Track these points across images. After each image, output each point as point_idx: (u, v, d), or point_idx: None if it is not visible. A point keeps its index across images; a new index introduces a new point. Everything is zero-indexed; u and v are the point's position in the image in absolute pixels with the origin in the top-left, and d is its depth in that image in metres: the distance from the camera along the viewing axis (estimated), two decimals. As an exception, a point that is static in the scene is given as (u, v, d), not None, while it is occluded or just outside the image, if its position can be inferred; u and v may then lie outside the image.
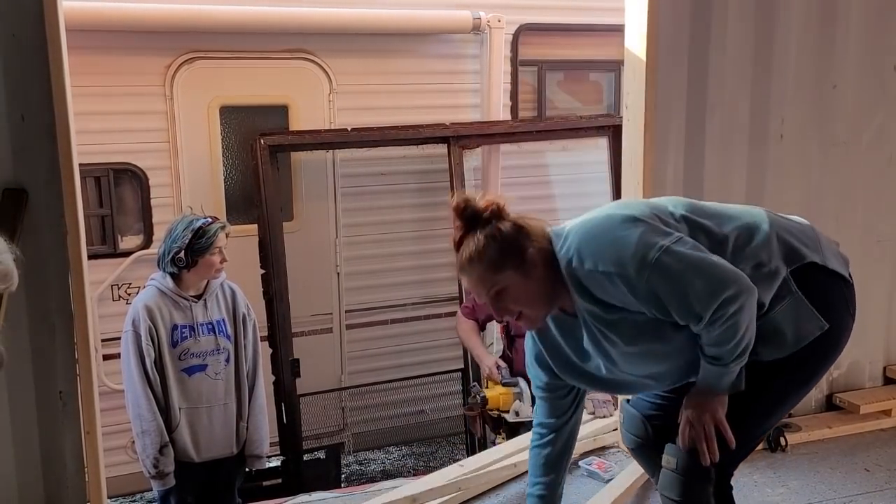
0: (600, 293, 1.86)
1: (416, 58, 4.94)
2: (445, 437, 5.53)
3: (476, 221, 1.90)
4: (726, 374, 1.89)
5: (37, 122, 2.31)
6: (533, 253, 1.89)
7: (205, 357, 3.23)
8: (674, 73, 3.02)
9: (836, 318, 1.98)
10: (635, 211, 1.93)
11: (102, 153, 4.27)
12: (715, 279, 1.80)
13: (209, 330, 3.24)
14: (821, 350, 1.99)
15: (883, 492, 2.95)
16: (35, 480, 2.46)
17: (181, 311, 3.20)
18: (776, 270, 1.93)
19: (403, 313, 5.11)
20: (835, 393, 3.53)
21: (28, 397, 2.40)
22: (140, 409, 3.11)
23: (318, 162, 4.84)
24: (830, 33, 3.26)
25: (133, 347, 3.11)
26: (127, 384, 3.17)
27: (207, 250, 3.14)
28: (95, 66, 4.18)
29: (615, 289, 1.83)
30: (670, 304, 1.81)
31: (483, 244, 1.87)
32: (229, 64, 4.57)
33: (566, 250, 1.90)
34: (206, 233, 3.14)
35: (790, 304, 1.94)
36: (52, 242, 2.37)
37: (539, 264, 1.89)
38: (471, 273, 1.91)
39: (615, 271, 1.82)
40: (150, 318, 3.12)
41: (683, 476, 1.98)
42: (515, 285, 1.89)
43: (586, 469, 3.07)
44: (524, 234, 1.91)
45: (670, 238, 1.83)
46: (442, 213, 4.90)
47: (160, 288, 3.19)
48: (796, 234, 2.02)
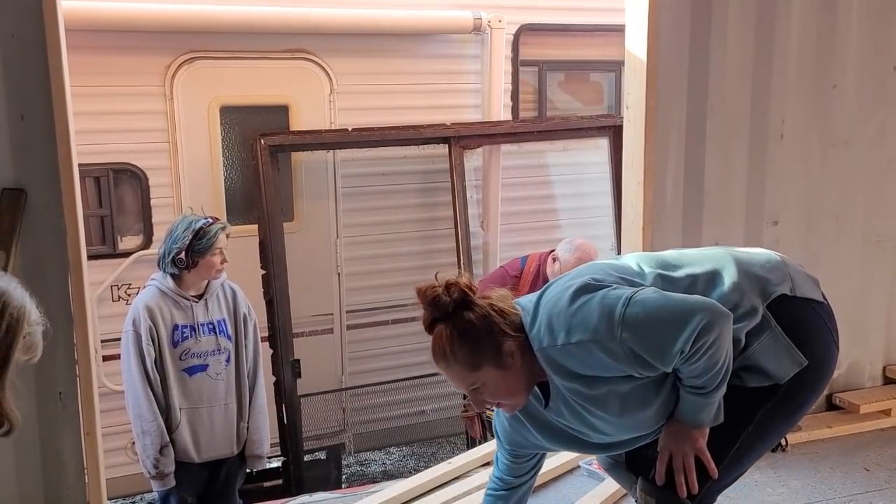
0: (579, 367, 1.78)
1: (416, 58, 4.93)
2: (446, 438, 5.53)
3: (443, 311, 1.81)
4: (707, 404, 1.83)
5: (36, 121, 2.31)
6: (510, 344, 1.79)
7: (205, 357, 3.23)
8: (674, 74, 3.02)
9: (819, 349, 1.94)
10: (597, 274, 1.87)
11: (102, 153, 4.26)
12: (686, 312, 1.73)
13: (210, 330, 3.24)
14: (807, 380, 1.93)
15: (883, 491, 2.95)
16: (35, 482, 2.46)
17: (182, 311, 3.19)
18: (754, 308, 1.88)
19: (404, 314, 5.10)
20: (835, 393, 3.53)
21: (28, 398, 2.39)
22: (140, 409, 3.11)
23: (319, 162, 4.84)
24: (831, 33, 3.26)
25: (133, 347, 3.11)
26: (127, 384, 3.17)
27: (208, 251, 3.14)
28: (95, 66, 4.18)
29: (592, 358, 1.75)
30: (650, 354, 1.73)
31: (455, 344, 1.78)
32: (230, 64, 4.57)
33: (537, 329, 1.81)
34: (206, 233, 3.14)
35: (769, 339, 1.89)
36: (51, 243, 2.37)
37: (516, 354, 1.80)
38: (446, 369, 1.84)
39: (589, 338, 1.74)
40: (151, 318, 3.12)
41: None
42: (494, 381, 1.81)
43: (586, 469, 3.07)
44: (495, 323, 1.80)
45: (632, 290, 1.78)
46: (443, 213, 4.96)
47: (160, 288, 3.19)
48: (762, 266, 1.96)
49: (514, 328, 1.82)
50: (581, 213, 5.40)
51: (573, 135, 5.25)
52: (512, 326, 1.82)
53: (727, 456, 1.91)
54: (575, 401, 1.84)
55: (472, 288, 1.82)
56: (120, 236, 4.48)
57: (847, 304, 3.41)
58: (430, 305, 1.82)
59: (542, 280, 3.90)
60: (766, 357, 1.88)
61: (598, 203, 5.32)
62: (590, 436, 1.92)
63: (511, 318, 1.83)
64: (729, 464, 1.92)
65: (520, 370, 1.81)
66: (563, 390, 1.83)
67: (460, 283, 1.81)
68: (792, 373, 1.89)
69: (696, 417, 1.85)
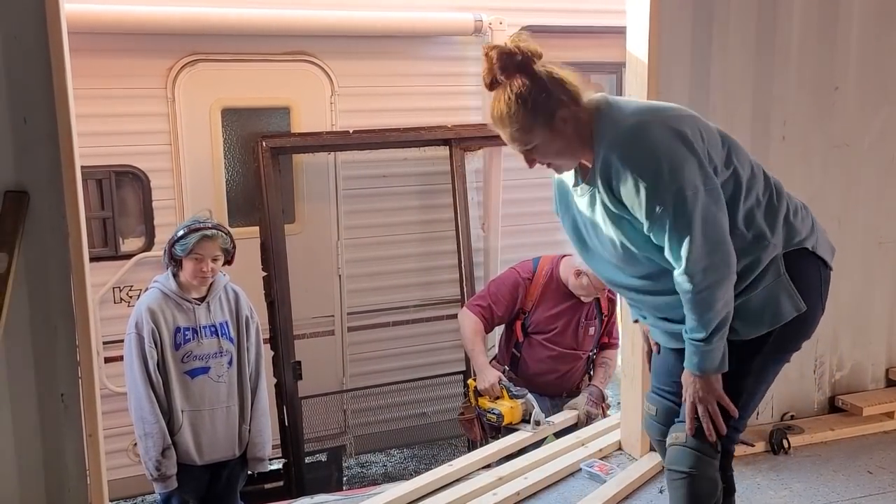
0: (616, 185, 1.91)
1: (417, 60, 4.94)
2: (447, 440, 5.52)
3: (507, 67, 1.90)
4: (710, 351, 1.95)
5: (38, 124, 2.31)
6: (564, 112, 1.92)
7: (207, 360, 3.23)
8: (676, 75, 3.02)
9: (813, 301, 2.07)
10: (691, 133, 1.93)
11: (104, 155, 4.27)
12: (715, 252, 1.88)
13: (212, 332, 3.24)
14: (794, 328, 2.06)
15: (886, 494, 2.95)
16: (36, 483, 2.45)
17: (184, 314, 3.20)
18: (773, 247, 2.01)
19: (405, 315, 5.11)
20: (837, 395, 3.53)
21: (29, 400, 2.40)
22: (143, 411, 3.11)
23: (320, 164, 4.84)
24: (832, 35, 3.26)
25: (136, 350, 3.12)
26: (130, 387, 3.18)
27: (188, 253, 3.15)
28: (97, 69, 4.19)
29: (633, 193, 1.88)
30: (668, 235, 1.89)
31: (514, 106, 1.90)
32: (231, 66, 4.57)
33: (615, 129, 1.92)
34: (185, 237, 3.16)
35: (775, 284, 2.01)
36: (53, 245, 2.37)
37: (570, 123, 1.93)
38: (502, 130, 1.97)
39: (646, 183, 1.86)
40: (153, 320, 3.13)
41: (693, 449, 2.06)
42: (545, 143, 1.95)
43: (587, 471, 3.07)
44: (557, 90, 1.92)
45: (707, 184, 1.88)
46: (444, 215, 4.96)
47: (163, 290, 3.19)
48: (799, 215, 2.10)
49: (571, 98, 1.94)
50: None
51: (574, 137, 5.25)
52: (568, 96, 1.93)
53: (737, 406, 2.05)
54: (600, 201, 1.99)
55: (537, 54, 1.92)
56: (122, 238, 4.49)
57: (850, 306, 3.42)
58: (498, 59, 1.91)
59: (555, 283, 3.89)
60: (769, 300, 2.02)
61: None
62: (588, 238, 2.12)
63: (570, 90, 1.94)
64: (739, 412, 2.07)
65: (571, 136, 1.95)
66: (598, 184, 1.96)
67: (530, 46, 1.91)
68: (789, 317, 2.02)
69: (705, 362, 1.97)
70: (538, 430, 3.54)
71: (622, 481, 2.95)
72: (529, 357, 3.92)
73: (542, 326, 3.88)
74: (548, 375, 3.91)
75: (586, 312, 3.92)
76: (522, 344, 3.93)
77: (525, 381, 3.80)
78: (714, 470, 2.08)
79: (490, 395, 3.69)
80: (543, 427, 3.56)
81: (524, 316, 3.92)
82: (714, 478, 2.08)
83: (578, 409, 3.78)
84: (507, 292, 3.91)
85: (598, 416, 3.77)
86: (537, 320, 3.88)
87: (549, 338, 3.88)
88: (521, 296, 3.89)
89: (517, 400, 3.61)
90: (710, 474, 2.07)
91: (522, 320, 3.92)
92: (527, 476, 3.03)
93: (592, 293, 3.82)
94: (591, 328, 3.94)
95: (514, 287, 3.91)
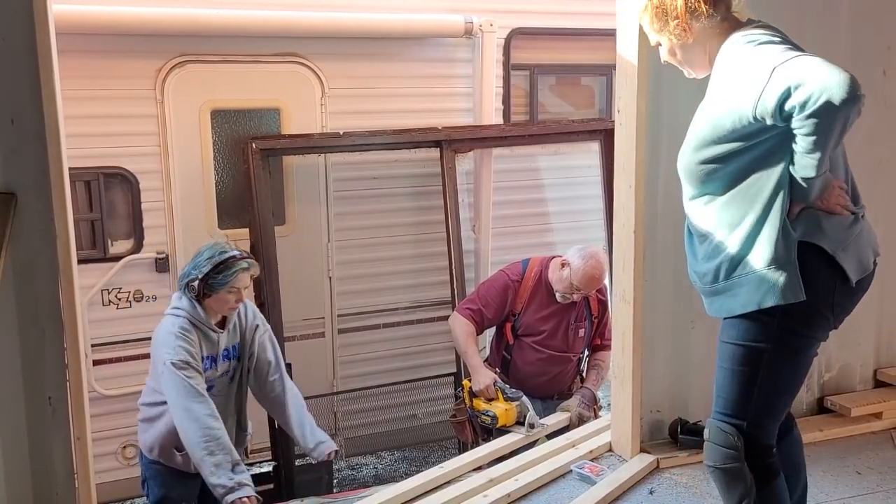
0: (728, 82, 2.04)
1: (408, 62, 4.94)
2: (437, 442, 5.52)
3: None
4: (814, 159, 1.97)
5: (26, 125, 2.30)
6: (695, 30, 2.13)
7: (214, 380, 3.18)
8: (666, 77, 3.02)
9: (814, 298, 2.04)
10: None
11: (93, 157, 4.26)
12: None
13: (225, 357, 3.19)
14: (797, 319, 2.06)
15: (874, 494, 2.96)
16: (24, 487, 2.44)
17: (209, 342, 3.10)
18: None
19: (396, 317, 5.11)
20: (826, 396, 3.54)
21: (17, 403, 2.38)
22: (211, 430, 2.92)
23: (311, 166, 4.83)
24: (822, 36, 3.27)
25: (180, 379, 2.94)
26: (183, 418, 2.96)
27: (223, 287, 3.04)
28: (86, 70, 4.18)
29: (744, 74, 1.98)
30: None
31: (650, 7, 2.17)
32: (221, 67, 4.56)
33: (753, 42, 2.03)
34: (226, 268, 3.04)
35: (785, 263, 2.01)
36: (41, 246, 2.35)
37: (697, 38, 2.14)
38: (641, 18, 2.26)
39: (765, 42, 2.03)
40: (188, 344, 3.01)
41: (716, 444, 2.15)
42: (669, 46, 2.22)
43: (578, 473, 3.07)
44: (680, 7, 2.11)
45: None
46: (434, 216, 4.96)
47: (191, 320, 3.07)
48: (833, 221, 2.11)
49: (696, 18, 2.12)
50: (572, 217, 5.41)
51: (564, 138, 5.27)
52: (696, 21, 2.12)
53: (750, 407, 2.11)
54: (706, 105, 2.13)
55: None
56: (111, 240, 4.47)
57: (838, 307, 3.43)
58: None
59: (543, 285, 3.89)
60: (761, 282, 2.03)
61: (590, 207, 5.33)
62: (688, 143, 2.20)
63: (699, 17, 2.12)
64: (758, 410, 2.12)
65: (691, 49, 2.18)
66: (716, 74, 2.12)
67: None
68: (769, 303, 2.02)
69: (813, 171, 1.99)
70: (532, 433, 3.54)
71: (612, 483, 2.96)
72: (519, 360, 3.92)
73: (531, 329, 3.89)
74: (538, 378, 3.91)
75: (576, 314, 3.92)
76: (513, 346, 3.93)
77: (516, 383, 3.80)
78: (739, 462, 2.13)
79: (485, 397, 3.69)
80: (538, 430, 3.56)
81: (514, 318, 3.92)
82: (740, 470, 2.14)
83: (571, 410, 3.78)
84: (496, 295, 3.91)
85: (591, 418, 3.78)
86: (527, 322, 3.89)
87: (539, 340, 3.89)
88: (511, 298, 3.90)
89: (512, 402, 3.61)
90: (736, 467, 2.14)
91: (512, 323, 3.92)
92: (518, 478, 3.03)
93: (569, 290, 3.81)
94: (580, 330, 3.95)
95: (504, 289, 3.91)
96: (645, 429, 3.20)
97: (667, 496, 2.94)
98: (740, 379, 2.11)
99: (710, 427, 2.19)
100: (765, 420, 2.15)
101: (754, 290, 2.04)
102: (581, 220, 5.39)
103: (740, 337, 2.10)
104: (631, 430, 3.14)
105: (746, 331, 2.09)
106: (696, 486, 2.99)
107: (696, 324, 3.19)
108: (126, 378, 4.43)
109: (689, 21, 2.12)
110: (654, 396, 3.19)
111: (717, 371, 2.19)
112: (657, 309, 3.12)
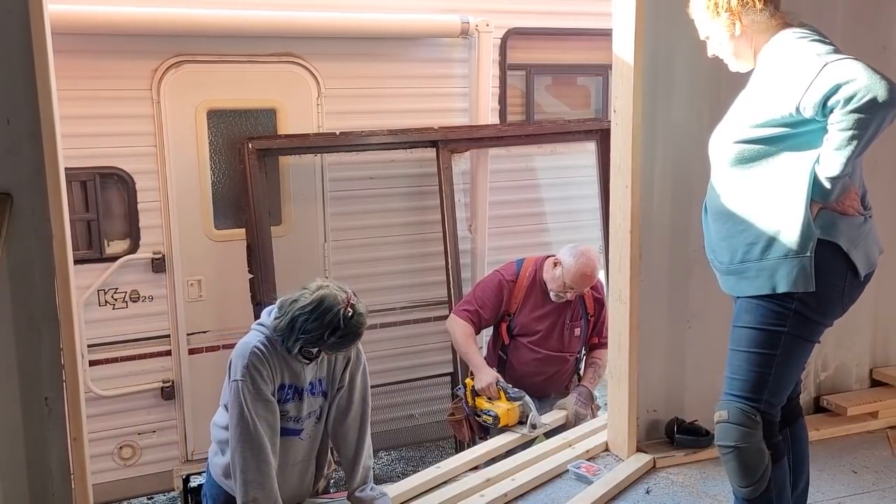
0: (777, 74, 2.14)
1: (404, 62, 4.94)
2: (434, 442, 5.52)
3: None
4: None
5: (22, 125, 2.29)
6: (744, 23, 2.23)
7: (302, 422, 2.78)
8: (662, 77, 3.03)
9: (825, 290, 2.17)
10: None
11: (89, 157, 4.25)
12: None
13: (311, 392, 2.78)
14: (809, 311, 2.18)
15: (870, 493, 2.97)
16: (20, 487, 2.43)
17: (291, 371, 2.71)
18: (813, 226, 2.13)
19: (392, 317, 5.10)
20: (822, 395, 3.55)
21: (13, 403, 2.38)
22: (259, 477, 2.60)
23: (307, 166, 4.83)
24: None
25: (250, 396, 2.61)
26: (240, 440, 2.63)
27: (348, 347, 2.72)
28: (82, 70, 4.17)
29: (793, 68, 2.09)
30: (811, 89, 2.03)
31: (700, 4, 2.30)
32: (217, 67, 4.56)
33: (796, 38, 2.16)
34: (350, 328, 2.66)
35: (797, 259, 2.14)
36: (37, 247, 2.35)
37: (745, 32, 2.25)
38: (693, 10, 2.36)
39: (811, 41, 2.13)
40: (261, 366, 2.64)
41: (736, 424, 2.23)
42: (717, 39, 2.32)
43: (575, 472, 3.07)
44: (735, 5, 2.23)
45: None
46: (431, 216, 4.96)
47: (273, 340, 2.68)
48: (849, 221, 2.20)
49: (748, 12, 2.24)
50: (569, 217, 5.41)
51: (561, 138, 5.27)
52: (747, 14, 2.24)
53: (766, 388, 2.22)
54: (751, 86, 2.26)
55: None
56: (107, 241, 4.46)
57: (833, 306, 3.44)
58: None
59: (538, 285, 3.90)
60: (779, 267, 2.16)
61: (586, 206, 5.34)
62: (726, 124, 2.35)
63: (750, 10, 2.24)
64: (773, 389, 2.23)
65: (739, 41, 2.28)
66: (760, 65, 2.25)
67: None
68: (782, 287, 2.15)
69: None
70: (534, 433, 3.54)
71: (609, 482, 2.96)
72: (515, 360, 3.93)
73: (527, 329, 3.89)
74: (534, 378, 3.92)
75: (571, 314, 3.93)
76: (509, 346, 3.93)
77: (512, 383, 3.80)
78: (759, 440, 2.22)
79: (487, 396, 3.69)
80: (540, 430, 3.56)
81: (509, 318, 3.93)
82: (760, 447, 2.23)
83: (568, 409, 3.79)
84: (492, 295, 3.92)
85: (588, 417, 3.78)
86: (522, 322, 3.89)
87: (534, 340, 3.89)
88: (506, 298, 3.90)
89: (514, 402, 3.61)
90: (756, 444, 2.22)
91: (508, 322, 3.93)
92: (514, 478, 3.03)
93: (563, 289, 3.81)
94: (576, 329, 3.95)
95: (499, 289, 3.91)
96: (641, 428, 3.21)
97: (663, 495, 2.95)
98: (758, 361, 2.21)
99: (728, 409, 2.26)
100: (777, 399, 2.26)
101: (769, 276, 2.17)
102: (577, 220, 5.39)
103: (758, 321, 2.21)
104: (627, 430, 3.15)
105: (764, 315, 2.20)
106: (692, 486, 3.00)
107: (692, 323, 3.20)
108: (122, 378, 4.44)
109: (740, 14, 2.24)
110: (650, 396, 3.20)
111: (730, 355, 2.29)
112: (653, 308, 3.13)
